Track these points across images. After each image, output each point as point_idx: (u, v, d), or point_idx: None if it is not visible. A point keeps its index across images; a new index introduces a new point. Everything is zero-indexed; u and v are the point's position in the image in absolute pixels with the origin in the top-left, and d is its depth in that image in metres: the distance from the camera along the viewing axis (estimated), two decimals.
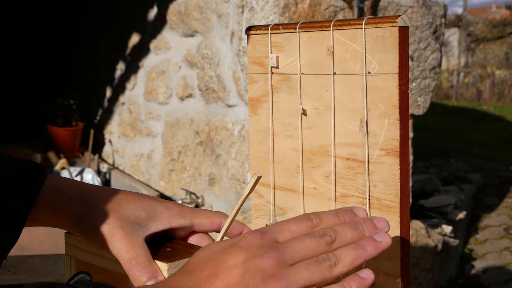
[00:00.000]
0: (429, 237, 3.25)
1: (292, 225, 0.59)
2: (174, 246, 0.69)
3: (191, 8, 3.20)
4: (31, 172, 0.68)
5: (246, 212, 2.76)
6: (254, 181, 0.66)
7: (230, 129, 2.91)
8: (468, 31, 16.34)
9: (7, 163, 0.68)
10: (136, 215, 0.67)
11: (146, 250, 0.65)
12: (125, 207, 0.67)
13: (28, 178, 0.67)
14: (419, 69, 2.85)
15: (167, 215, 0.69)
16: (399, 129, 0.71)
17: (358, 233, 0.58)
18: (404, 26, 0.71)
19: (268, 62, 0.82)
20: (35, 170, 0.68)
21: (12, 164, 0.68)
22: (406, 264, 0.74)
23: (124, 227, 0.65)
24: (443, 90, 12.97)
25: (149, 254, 0.64)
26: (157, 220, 0.68)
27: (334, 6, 2.61)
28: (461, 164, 5.51)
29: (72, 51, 4.67)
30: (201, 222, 0.71)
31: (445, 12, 2.93)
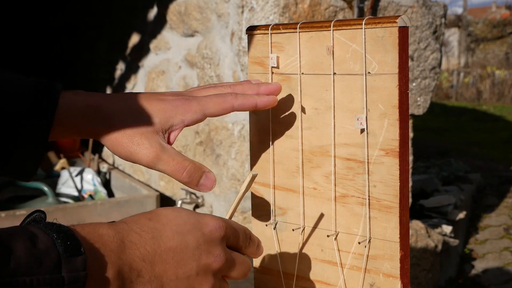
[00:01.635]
0: (429, 237, 3.25)
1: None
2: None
3: (191, 8, 3.20)
4: (43, 92, 0.71)
5: (246, 212, 2.76)
6: (249, 179, 0.66)
7: (230, 129, 2.91)
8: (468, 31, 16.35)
9: (18, 84, 0.70)
10: (153, 122, 0.71)
11: (177, 153, 0.71)
12: (140, 118, 0.71)
13: (41, 100, 0.70)
14: (419, 69, 2.85)
15: (180, 113, 0.73)
16: (399, 129, 0.71)
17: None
18: (404, 26, 0.71)
19: (269, 62, 0.82)
20: (47, 90, 0.71)
21: (23, 86, 0.70)
22: (406, 264, 0.74)
23: (148, 137, 0.71)
24: (443, 90, 12.97)
25: (181, 155, 0.71)
26: (171, 122, 0.72)
27: (334, 6, 2.61)
28: (461, 164, 5.51)
29: (72, 51, 4.67)
30: (213, 110, 0.74)
31: (445, 12, 2.93)
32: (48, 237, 0.51)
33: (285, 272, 0.84)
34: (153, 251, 0.58)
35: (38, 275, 0.49)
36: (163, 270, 0.59)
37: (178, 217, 0.62)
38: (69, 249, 0.51)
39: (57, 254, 0.51)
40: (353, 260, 0.77)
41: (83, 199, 3.39)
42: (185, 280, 0.60)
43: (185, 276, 0.60)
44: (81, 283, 0.52)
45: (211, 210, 3.07)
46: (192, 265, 0.60)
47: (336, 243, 0.78)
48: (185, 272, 0.60)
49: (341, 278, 0.78)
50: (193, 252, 0.60)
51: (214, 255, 0.62)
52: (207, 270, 0.61)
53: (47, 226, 0.53)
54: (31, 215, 0.58)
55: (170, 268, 0.59)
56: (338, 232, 0.78)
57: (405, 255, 0.73)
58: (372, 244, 0.75)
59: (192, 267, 0.60)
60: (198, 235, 0.61)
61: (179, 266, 0.60)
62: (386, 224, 0.73)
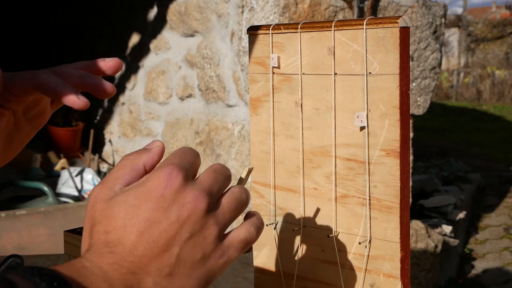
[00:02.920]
0: (429, 237, 3.25)
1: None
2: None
3: (191, 8, 3.20)
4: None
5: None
6: (246, 173, 0.66)
7: (230, 129, 2.91)
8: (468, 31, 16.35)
9: None
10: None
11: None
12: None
13: None
14: (419, 69, 2.85)
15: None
16: (400, 129, 0.71)
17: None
18: (405, 27, 0.71)
19: (269, 62, 0.82)
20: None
21: None
22: (406, 264, 0.74)
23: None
24: (443, 90, 12.97)
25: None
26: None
27: (334, 6, 2.61)
28: (461, 164, 5.51)
29: (72, 51, 4.67)
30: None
31: (445, 12, 2.93)
32: (29, 283, 0.46)
33: (285, 272, 0.84)
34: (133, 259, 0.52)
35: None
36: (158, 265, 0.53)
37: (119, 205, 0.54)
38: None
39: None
40: (353, 260, 0.77)
41: (83, 199, 3.39)
42: (187, 248, 0.54)
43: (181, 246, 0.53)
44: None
45: None
46: (175, 234, 0.53)
47: (336, 243, 0.78)
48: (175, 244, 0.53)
49: (341, 278, 0.78)
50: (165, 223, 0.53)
51: (186, 201, 0.54)
52: (192, 219, 0.54)
53: (26, 271, 0.47)
54: (6, 261, 0.53)
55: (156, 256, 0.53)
56: (339, 232, 0.78)
57: (405, 256, 0.73)
58: (373, 245, 0.75)
59: (177, 235, 0.53)
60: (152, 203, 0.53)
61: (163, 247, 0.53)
62: (387, 224, 0.73)
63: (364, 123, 0.73)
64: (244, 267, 1.10)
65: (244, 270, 1.09)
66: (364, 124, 0.73)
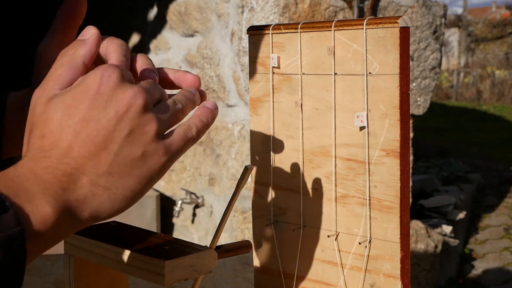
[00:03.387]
0: (429, 237, 3.25)
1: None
2: (172, 244, 0.69)
3: (191, 8, 3.20)
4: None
5: (246, 212, 2.76)
6: (245, 173, 0.66)
7: (230, 129, 2.91)
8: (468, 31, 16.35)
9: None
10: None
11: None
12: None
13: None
14: (419, 69, 2.85)
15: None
16: (400, 130, 0.71)
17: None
18: (405, 27, 0.71)
19: (269, 62, 0.82)
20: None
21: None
22: (407, 264, 0.74)
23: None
24: (443, 90, 12.97)
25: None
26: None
27: (334, 6, 2.61)
28: (461, 164, 5.51)
29: None
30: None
31: (445, 12, 2.93)
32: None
33: (285, 272, 0.84)
34: (69, 161, 0.51)
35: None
36: (96, 164, 0.51)
37: (55, 108, 0.52)
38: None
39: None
40: (353, 260, 0.77)
41: None
42: (126, 145, 0.52)
43: (119, 143, 0.52)
44: (19, 240, 0.45)
45: (211, 210, 3.07)
46: (113, 131, 0.52)
47: (336, 244, 0.78)
48: (113, 141, 0.52)
49: (341, 278, 0.78)
50: (103, 120, 0.52)
51: (123, 97, 0.52)
52: (130, 115, 0.52)
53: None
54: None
55: (94, 154, 0.51)
56: (339, 233, 0.78)
57: (405, 256, 0.73)
58: (373, 245, 0.75)
59: (115, 132, 0.52)
60: (89, 101, 0.52)
61: (100, 145, 0.51)
62: (387, 224, 0.73)
63: (364, 123, 0.73)
64: (244, 267, 1.10)
65: (244, 270, 1.09)
66: (364, 124, 0.73)
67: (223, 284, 1.04)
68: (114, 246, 0.69)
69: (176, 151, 0.55)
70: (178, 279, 0.65)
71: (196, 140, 0.58)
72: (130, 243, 0.70)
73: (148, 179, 0.54)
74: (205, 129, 0.59)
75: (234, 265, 1.11)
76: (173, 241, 0.70)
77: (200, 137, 0.58)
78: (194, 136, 0.57)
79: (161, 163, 0.54)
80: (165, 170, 0.55)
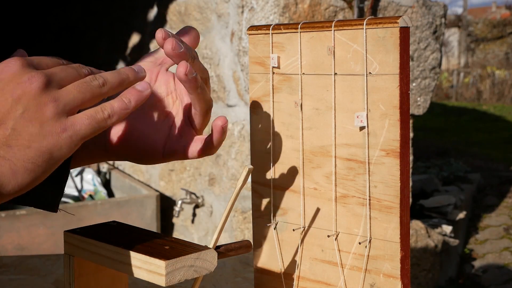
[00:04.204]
0: (429, 237, 3.25)
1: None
2: (172, 244, 0.69)
3: (191, 8, 3.19)
4: None
5: (246, 212, 2.76)
6: (245, 173, 0.66)
7: (230, 129, 2.91)
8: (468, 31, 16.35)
9: None
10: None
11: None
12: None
13: None
14: (419, 69, 2.85)
15: None
16: (400, 130, 0.71)
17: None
18: (405, 27, 0.71)
19: (269, 62, 0.82)
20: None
21: None
22: (407, 265, 0.74)
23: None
24: (443, 90, 12.97)
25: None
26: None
27: (334, 6, 2.61)
28: (461, 164, 5.51)
29: (72, 51, 4.66)
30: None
31: (445, 12, 2.93)
32: None
33: (285, 272, 0.84)
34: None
35: None
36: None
37: None
38: None
39: None
40: (353, 260, 0.77)
41: (83, 199, 3.39)
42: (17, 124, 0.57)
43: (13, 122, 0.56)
44: None
45: (211, 210, 3.07)
46: (11, 110, 0.57)
47: (336, 244, 0.78)
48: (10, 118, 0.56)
49: (341, 278, 0.78)
50: (3, 102, 0.57)
51: (22, 81, 0.57)
52: (31, 96, 0.57)
53: None
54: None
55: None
56: (339, 233, 0.78)
57: (405, 256, 0.73)
58: (373, 245, 0.75)
59: (13, 111, 0.57)
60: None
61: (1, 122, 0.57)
62: (387, 224, 0.73)
63: (364, 123, 0.73)
64: (244, 267, 1.10)
65: (244, 270, 1.09)
66: (364, 124, 0.73)
67: (223, 284, 1.04)
68: (114, 246, 0.69)
69: (79, 130, 0.59)
70: (178, 279, 0.65)
71: (111, 121, 0.61)
72: (130, 243, 0.70)
73: (49, 154, 0.58)
74: (126, 110, 0.62)
75: (234, 265, 1.11)
76: (173, 241, 0.70)
77: (119, 119, 0.61)
78: (105, 117, 0.60)
79: (60, 139, 0.58)
80: (67, 147, 0.59)
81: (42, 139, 0.57)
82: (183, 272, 0.66)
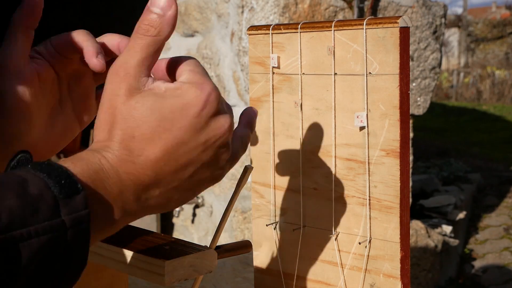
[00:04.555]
0: (429, 237, 3.25)
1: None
2: (172, 244, 0.69)
3: (191, 8, 3.20)
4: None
5: (247, 212, 2.76)
6: (245, 173, 0.66)
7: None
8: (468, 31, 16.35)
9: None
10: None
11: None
12: None
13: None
14: (419, 69, 2.85)
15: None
16: (400, 129, 0.71)
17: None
18: (405, 27, 0.71)
19: (269, 62, 0.82)
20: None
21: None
22: (406, 264, 0.74)
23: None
24: (443, 90, 12.97)
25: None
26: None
27: (334, 6, 2.61)
28: (461, 164, 5.51)
29: None
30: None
31: (445, 12, 2.93)
32: (39, 179, 0.45)
33: (285, 272, 0.84)
34: (151, 173, 0.52)
35: (36, 224, 0.44)
36: (171, 179, 0.53)
37: (151, 112, 0.52)
38: (65, 188, 0.46)
39: (52, 196, 0.45)
40: (353, 260, 0.77)
41: None
42: (201, 169, 0.55)
43: (197, 167, 0.54)
44: (86, 223, 0.47)
45: (211, 210, 3.07)
46: (197, 156, 0.54)
47: (336, 244, 0.78)
48: (193, 164, 0.54)
49: (341, 278, 0.78)
50: (192, 144, 0.53)
51: (217, 127, 0.54)
52: (216, 145, 0.55)
53: (35, 167, 0.47)
54: (15, 157, 0.52)
55: (173, 172, 0.53)
56: (339, 232, 0.78)
57: (405, 256, 0.73)
58: (373, 245, 0.75)
59: (198, 157, 0.54)
60: (186, 122, 0.53)
61: (181, 166, 0.53)
62: (387, 224, 0.73)
63: (364, 123, 0.73)
64: (244, 267, 1.10)
65: (244, 270, 1.09)
66: (364, 124, 0.73)
67: (223, 284, 1.04)
68: (114, 246, 0.69)
69: (229, 168, 0.59)
70: (178, 279, 0.65)
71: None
72: (130, 243, 0.70)
73: (201, 192, 0.58)
74: (250, 136, 0.63)
75: (234, 265, 1.11)
76: (173, 241, 0.70)
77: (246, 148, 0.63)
78: (245, 150, 0.62)
79: (220, 178, 0.58)
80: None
81: (206, 183, 0.57)
82: (183, 272, 0.66)
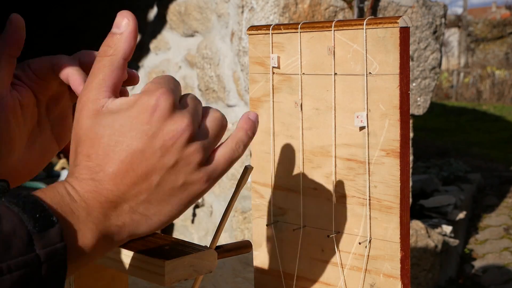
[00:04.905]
0: (429, 237, 3.25)
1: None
2: (172, 244, 0.69)
3: (191, 8, 3.20)
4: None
5: (246, 212, 2.76)
6: (245, 173, 0.66)
7: (231, 129, 2.90)
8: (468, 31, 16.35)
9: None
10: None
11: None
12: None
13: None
14: (419, 69, 2.85)
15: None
16: (400, 129, 0.71)
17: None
18: (405, 27, 0.71)
19: (269, 62, 0.82)
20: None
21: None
22: (407, 265, 0.74)
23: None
24: (443, 90, 12.97)
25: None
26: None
27: (334, 6, 2.61)
28: (461, 164, 5.51)
29: (72, 51, 4.66)
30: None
31: (445, 12, 2.93)
32: (14, 213, 0.45)
33: (285, 272, 0.84)
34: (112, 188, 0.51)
35: (9, 260, 0.44)
36: (136, 192, 0.52)
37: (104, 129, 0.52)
38: (39, 222, 0.46)
39: (26, 231, 0.45)
40: (353, 260, 0.77)
41: None
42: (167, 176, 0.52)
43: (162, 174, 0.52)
44: (61, 255, 0.46)
45: (211, 210, 3.07)
46: (157, 162, 0.52)
47: (336, 244, 0.78)
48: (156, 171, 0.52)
49: (341, 278, 0.78)
50: (148, 151, 0.51)
51: (172, 129, 0.52)
52: (176, 147, 0.52)
53: (11, 199, 0.47)
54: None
55: (135, 184, 0.52)
56: (339, 233, 0.78)
57: (405, 256, 0.73)
58: (373, 245, 0.75)
59: (159, 163, 0.52)
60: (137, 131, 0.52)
61: (142, 175, 0.52)
62: (387, 224, 0.73)
63: (364, 123, 0.73)
64: (244, 267, 1.10)
65: (244, 270, 1.09)
66: (364, 124, 0.73)
67: (223, 284, 1.04)
68: None
69: (219, 175, 0.55)
70: (178, 279, 0.65)
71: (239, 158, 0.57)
72: (130, 243, 0.70)
73: (186, 205, 0.54)
74: (249, 142, 0.59)
75: (234, 265, 1.11)
76: (173, 241, 0.70)
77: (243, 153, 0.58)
78: (240, 154, 0.57)
79: (201, 190, 0.54)
80: (206, 192, 0.55)
81: (182, 192, 0.53)
82: (183, 272, 0.66)
